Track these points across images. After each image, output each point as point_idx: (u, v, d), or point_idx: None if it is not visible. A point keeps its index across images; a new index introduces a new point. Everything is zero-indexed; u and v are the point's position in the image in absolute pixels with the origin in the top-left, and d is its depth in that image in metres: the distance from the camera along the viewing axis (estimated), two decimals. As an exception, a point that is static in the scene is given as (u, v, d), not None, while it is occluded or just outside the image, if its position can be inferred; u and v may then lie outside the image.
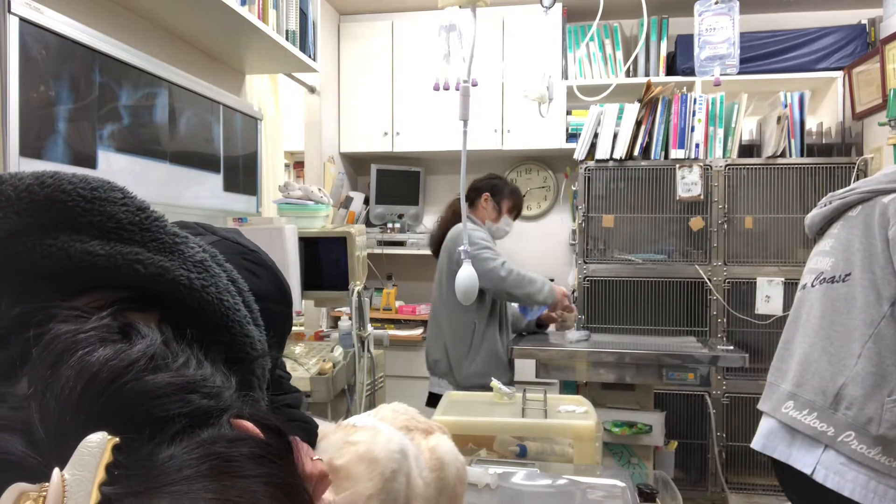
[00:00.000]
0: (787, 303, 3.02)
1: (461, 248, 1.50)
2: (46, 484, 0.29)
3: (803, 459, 1.46)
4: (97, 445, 0.31)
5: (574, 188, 3.65)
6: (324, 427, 0.60)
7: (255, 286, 0.57)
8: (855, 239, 1.49)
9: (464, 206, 1.59)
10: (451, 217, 2.84)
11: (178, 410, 0.35)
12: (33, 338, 0.37)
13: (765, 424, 1.60)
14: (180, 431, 0.34)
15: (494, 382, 1.61)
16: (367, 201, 4.12)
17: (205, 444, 0.34)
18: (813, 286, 1.57)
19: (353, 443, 0.55)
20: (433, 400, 2.72)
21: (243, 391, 0.42)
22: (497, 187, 2.76)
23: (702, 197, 3.11)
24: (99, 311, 0.42)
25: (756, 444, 1.60)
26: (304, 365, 2.37)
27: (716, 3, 2.09)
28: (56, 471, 0.30)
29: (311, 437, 0.63)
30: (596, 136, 3.24)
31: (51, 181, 0.45)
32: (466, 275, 1.46)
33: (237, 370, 0.45)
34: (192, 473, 0.32)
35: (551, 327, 2.93)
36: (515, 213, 2.81)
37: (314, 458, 0.46)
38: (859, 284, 1.44)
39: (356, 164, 4.31)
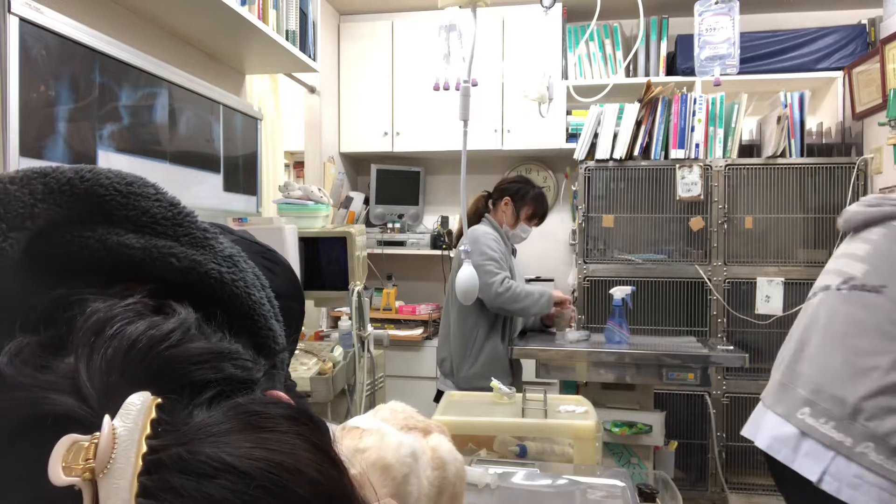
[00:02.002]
0: (787, 303, 3.02)
1: (461, 247, 1.50)
2: (97, 434, 0.31)
3: (810, 467, 1.42)
4: (142, 403, 0.32)
5: (574, 188, 3.65)
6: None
7: (273, 283, 0.59)
8: None
9: (463, 207, 1.59)
10: (474, 215, 2.82)
11: (214, 376, 0.37)
12: (77, 315, 0.39)
13: (775, 426, 1.55)
14: (217, 395, 0.36)
15: (494, 382, 1.61)
16: (367, 201, 4.12)
17: (240, 405, 0.36)
18: (839, 290, 1.51)
19: (362, 450, 0.55)
20: (441, 397, 2.73)
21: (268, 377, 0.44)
22: (520, 193, 2.69)
23: (702, 197, 3.11)
24: (132, 295, 0.43)
25: (762, 442, 1.56)
26: (304, 365, 2.37)
27: (716, 3, 2.09)
28: (107, 418, 0.31)
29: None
30: (596, 136, 3.24)
31: (90, 175, 0.47)
32: (466, 275, 1.46)
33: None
34: (230, 427, 0.34)
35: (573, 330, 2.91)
36: (537, 219, 2.74)
37: None
38: (893, 299, 1.40)
39: (356, 164, 4.31)
